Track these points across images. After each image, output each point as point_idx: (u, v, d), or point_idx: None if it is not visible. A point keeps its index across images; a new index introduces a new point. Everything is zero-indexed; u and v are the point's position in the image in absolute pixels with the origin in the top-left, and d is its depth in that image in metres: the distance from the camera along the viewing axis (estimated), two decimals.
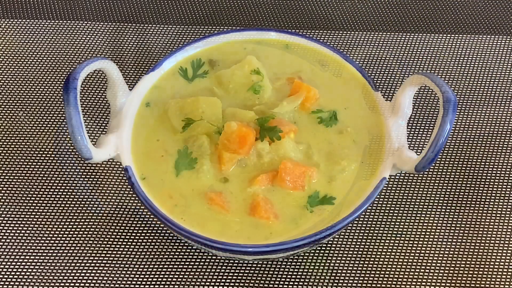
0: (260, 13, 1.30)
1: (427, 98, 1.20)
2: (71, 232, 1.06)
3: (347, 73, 1.09)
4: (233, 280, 1.03)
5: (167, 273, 1.03)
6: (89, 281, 1.02)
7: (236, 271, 1.03)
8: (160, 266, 1.04)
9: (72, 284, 1.02)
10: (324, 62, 1.11)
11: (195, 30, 1.28)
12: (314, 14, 1.30)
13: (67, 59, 1.24)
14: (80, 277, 1.03)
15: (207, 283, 1.02)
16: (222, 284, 1.02)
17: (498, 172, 1.12)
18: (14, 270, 1.03)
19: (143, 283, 1.02)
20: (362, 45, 1.26)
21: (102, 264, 1.04)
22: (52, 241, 1.05)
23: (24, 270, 1.03)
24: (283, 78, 1.09)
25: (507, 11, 1.31)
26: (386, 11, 1.31)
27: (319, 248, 1.05)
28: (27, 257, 1.04)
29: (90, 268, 1.03)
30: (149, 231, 1.06)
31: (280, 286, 1.03)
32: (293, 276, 1.03)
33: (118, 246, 1.05)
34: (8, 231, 1.06)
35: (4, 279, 1.02)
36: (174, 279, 1.03)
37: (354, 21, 1.29)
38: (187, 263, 1.04)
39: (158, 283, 1.02)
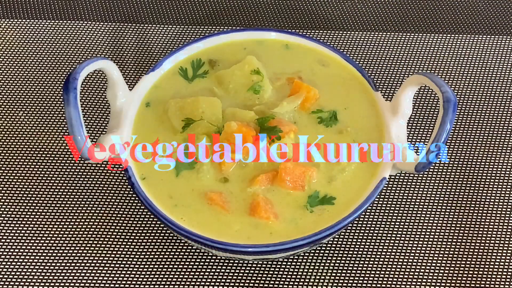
0: (260, 13, 1.30)
1: (427, 98, 1.19)
2: (71, 232, 1.06)
3: (347, 73, 1.09)
4: (233, 280, 1.03)
5: (167, 273, 1.03)
6: (89, 281, 1.02)
7: (236, 271, 1.03)
8: (160, 266, 1.04)
9: (72, 284, 1.02)
10: (324, 62, 1.11)
11: (195, 30, 1.28)
12: (314, 14, 1.30)
13: (67, 59, 1.24)
14: (80, 277, 1.03)
15: (207, 283, 1.02)
16: (222, 284, 1.02)
17: (498, 172, 1.12)
18: (14, 270, 1.03)
19: (143, 283, 1.02)
20: (362, 45, 1.26)
21: (102, 264, 1.04)
22: (52, 241, 1.05)
23: (24, 270, 1.03)
24: (283, 78, 1.09)
25: (507, 11, 1.30)
26: (386, 11, 1.31)
27: (319, 248, 1.05)
28: (27, 257, 1.04)
29: (90, 268, 1.03)
30: (149, 231, 1.06)
31: (280, 286, 1.03)
32: (293, 276, 1.03)
33: (118, 246, 1.05)
34: (8, 231, 1.06)
35: (4, 279, 1.02)
36: (174, 279, 1.03)
37: (354, 21, 1.29)
38: (187, 263, 1.04)
39: (158, 283, 1.02)
